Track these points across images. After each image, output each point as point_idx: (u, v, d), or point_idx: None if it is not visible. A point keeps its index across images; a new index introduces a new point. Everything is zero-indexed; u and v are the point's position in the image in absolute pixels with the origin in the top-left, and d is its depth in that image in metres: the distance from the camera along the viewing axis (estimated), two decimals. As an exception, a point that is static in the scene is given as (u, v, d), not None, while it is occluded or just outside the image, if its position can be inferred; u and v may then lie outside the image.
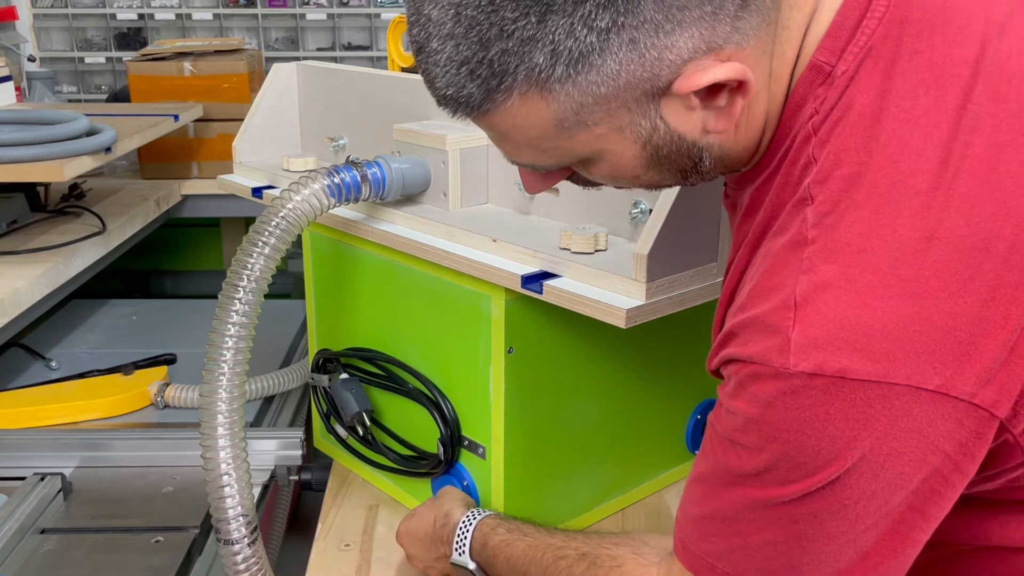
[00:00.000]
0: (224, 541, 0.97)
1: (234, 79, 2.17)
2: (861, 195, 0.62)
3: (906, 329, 0.59)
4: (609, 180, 0.72)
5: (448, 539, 0.98)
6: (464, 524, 0.97)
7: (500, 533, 0.94)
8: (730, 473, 0.69)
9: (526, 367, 1.03)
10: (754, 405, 0.64)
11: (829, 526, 0.65)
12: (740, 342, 0.66)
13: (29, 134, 1.53)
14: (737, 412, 0.66)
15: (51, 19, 2.75)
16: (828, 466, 0.63)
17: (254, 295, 0.96)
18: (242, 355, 0.97)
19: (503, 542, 0.93)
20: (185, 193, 2.17)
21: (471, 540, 0.96)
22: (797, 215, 0.65)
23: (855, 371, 0.60)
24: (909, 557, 0.67)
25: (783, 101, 0.67)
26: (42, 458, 1.34)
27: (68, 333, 1.82)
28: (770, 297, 0.64)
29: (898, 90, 0.63)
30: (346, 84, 1.29)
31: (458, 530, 0.97)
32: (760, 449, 0.65)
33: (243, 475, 0.97)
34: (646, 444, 1.20)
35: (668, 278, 0.89)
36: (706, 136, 0.66)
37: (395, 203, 1.12)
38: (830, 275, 0.61)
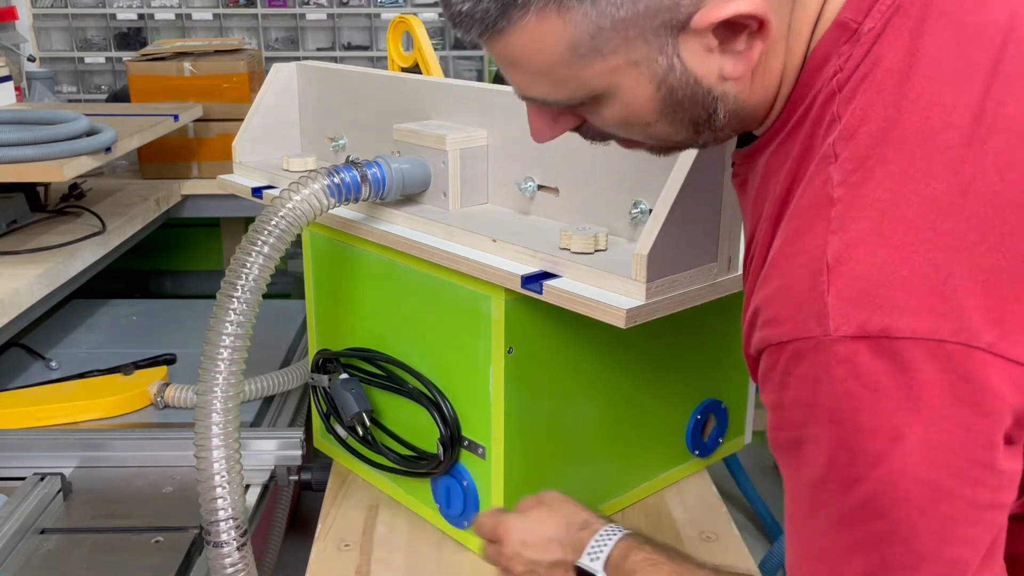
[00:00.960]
0: (213, 543, 0.96)
1: (234, 79, 2.17)
2: (891, 151, 0.60)
3: (948, 283, 0.57)
4: (620, 126, 0.70)
5: (580, 545, 0.92)
6: (607, 533, 0.92)
7: (646, 550, 0.89)
8: (806, 491, 0.64)
9: (526, 367, 1.03)
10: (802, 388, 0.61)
11: (914, 542, 0.61)
12: (770, 321, 0.63)
13: (29, 134, 1.53)
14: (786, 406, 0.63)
15: (51, 19, 2.75)
16: (890, 450, 0.59)
17: (252, 295, 0.96)
18: (239, 356, 0.96)
19: (647, 560, 0.88)
20: (185, 193, 2.17)
21: (610, 550, 0.90)
22: (820, 175, 0.63)
23: (900, 329, 0.57)
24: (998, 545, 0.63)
25: (802, 58, 0.66)
26: (42, 458, 1.34)
27: (68, 333, 1.82)
28: (797, 264, 0.61)
29: (928, 48, 0.62)
30: (346, 84, 1.29)
31: (597, 537, 0.91)
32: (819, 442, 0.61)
33: (235, 477, 0.97)
34: (646, 444, 1.20)
35: (668, 278, 0.89)
36: (722, 83, 0.65)
37: (395, 203, 1.12)
38: (862, 231, 0.59)
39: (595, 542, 0.91)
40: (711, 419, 1.28)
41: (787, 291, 0.61)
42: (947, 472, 0.59)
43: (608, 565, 0.89)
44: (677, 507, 1.20)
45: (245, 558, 0.98)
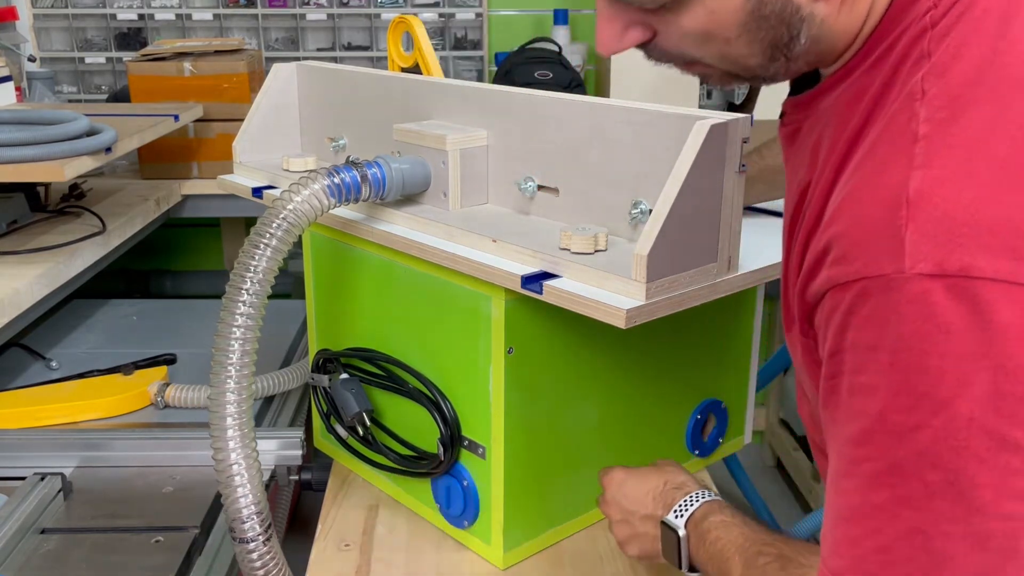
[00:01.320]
0: (239, 540, 0.97)
1: (234, 79, 2.17)
2: (984, 91, 0.59)
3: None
4: (696, 40, 0.68)
5: (670, 502, 0.94)
6: (696, 495, 0.94)
7: (726, 514, 0.90)
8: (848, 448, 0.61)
9: (526, 367, 1.03)
10: (866, 330, 0.58)
11: (970, 495, 0.57)
12: (838, 259, 0.60)
13: (29, 134, 1.53)
14: (846, 350, 0.60)
15: (51, 19, 2.75)
16: (957, 397, 0.56)
17: (258, 296, 0.96)
18: (248, 356, 0.97)
19: (723, 522, 0.89)
20: (185, 193, 2.17)
21: (694, 509, 0.92)
22: (905, 111, 0.61)
23: (981, 268, 0.55)
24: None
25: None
26: (42, 458, 1.34)
27: (68, 333, 1.82)
28: (874, 199, 0.59)
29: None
30: (346, 84, 1.29)
31: (687, 498, 0.94)
32: (876, 388, 0.59)
33: (255, 474, 0.98)
34: (646, 444, 1.20)
35: (668, 278, 0.89)
36: (812, 3, 0.64)
37: (395, 203, 1.12)
38: (949, 168, 0.57)
39: (684, 502, 0.94)
40: (711, 419, 1.28)
41: (860, 227, 0.59)
42: (1014, 422, 0.56)
43: (689, 522, 0.92)
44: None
45: (272, 551, 0.99)
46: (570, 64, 2.43)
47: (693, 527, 0.91)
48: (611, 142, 0.98)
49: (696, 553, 0.91)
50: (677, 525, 0.92)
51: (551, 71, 2.36)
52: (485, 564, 1.10)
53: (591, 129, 1.00)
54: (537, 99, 1.05)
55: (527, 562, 1.10)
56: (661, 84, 2.42)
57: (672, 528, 0.93)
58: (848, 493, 0.63)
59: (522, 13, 2.84)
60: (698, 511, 0.92)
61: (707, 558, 0.89)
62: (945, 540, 0.59)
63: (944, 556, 0.59)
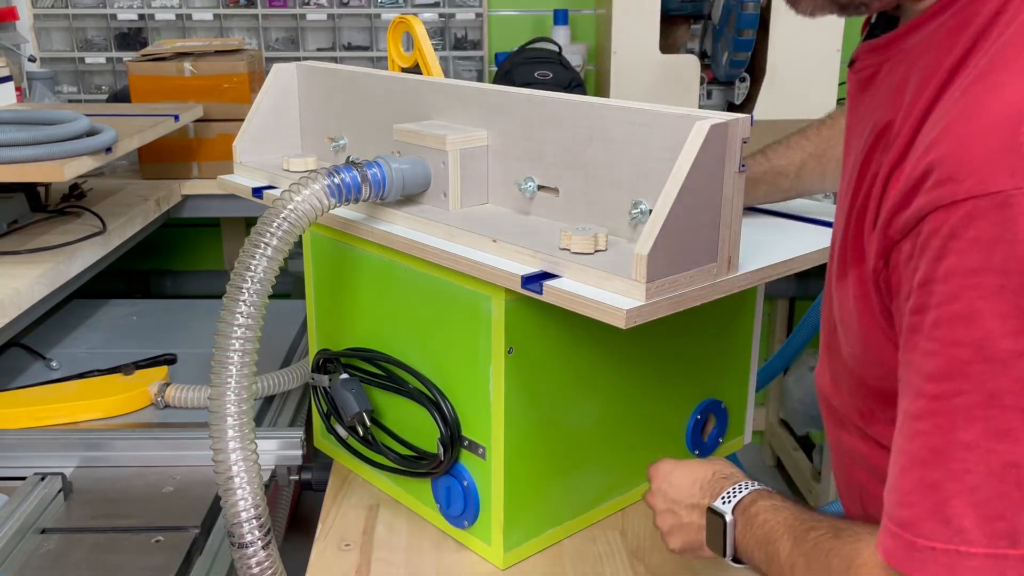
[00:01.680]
0: (238, 544, 0.97)
1: (234, 79, 2.17)
2: None
3: None
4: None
5: (718, 491, 0.92)
6: (744, 484, 0.91)
7: (775, 499, 0.88)
8: (929, 386, 0.58)
9: (526, 367, 1.03)
10: (972, 254, 0.55)
11: None
12: (944, 178, 0.58)
13: (29, 134, 1.53)
14: (943, 278, 0.57)
15: (51, 19, 2.75)
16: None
17: (259, 296, 0.96)
18: (249, 357, 0.97)
19: (773, 506, 0.87)
20: (185, 193, 2.17)
21: (743, 496, 0.90)
22: (1022, 34, 0.60)
23: None
24: None
25: None
26: (42, 458, 1.34)
27: (68, 333, 1.82)
28: (988, 117, 0.57)
29: None
30: (346, 84, 1.29)
31: (736, 486, 0.91)
32: (978, 315, 0.55)
33: (254, 478, 0.97)
34: (646, 444, 1.20)
35: (668, 278, 0.89)
36: None
37: (395, 203, 1.12)
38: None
39: (732, 489, 0.91)
40: (711, 419, 1.28)
41: (971, 146, 0.57)
42: None
43: (737, 508, 0.89)
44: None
45: (271, 556, 0.98)
46: (570, 64, 2.43)
47: (741, 513, 0.89)
48: (611, 142, 0.98)
49: (743, 539, 0.88)
50: (724, 511, 0.90)
51: (551, 71, 2.36)
52: (485, 564, 1.10)
53: (591, 129, 1.00)
54: (537, 99, 1.05)
55: (527, 562, 1.10)
56: (661, 84, 2.43)
57: (719, 514, 0.90)
58: (928, 434, 0.59)
59: (522, 13, 2.84)
60: (746, 497, 0.90)
61: (755, 543, 0.86)
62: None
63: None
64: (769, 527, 0.85)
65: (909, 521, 0.61)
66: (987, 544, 0.57)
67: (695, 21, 2.59)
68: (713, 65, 2.50)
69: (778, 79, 2.45)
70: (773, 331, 2.89)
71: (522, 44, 2.50)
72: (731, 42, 2.35)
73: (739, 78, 2.49)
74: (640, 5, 2.40)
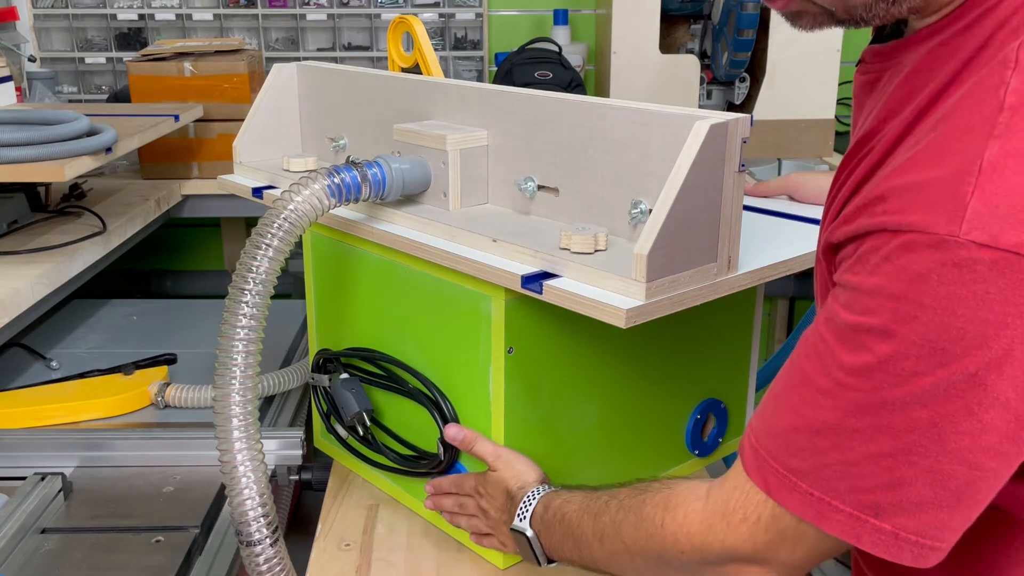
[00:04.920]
0: (246, 543, 0.97)
1: (234, 79, 2.17)
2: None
3: None
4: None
5: (513, 511, 0.98)
6: (533, 494, 0.97)
7: (563, 494, 0.95)
8: (839, 373, 0.65)
9: (526, 367, 1.03)
10: (899, 280, 0.60)
11: (947, 437, 0.61)
12: (895, 209, 0.62)
13: (29, 134, 1.53)
14: (869, 291, 0.62)
15: (51, 19, 2.75)
16: (967, 355, 0.59)
17: (261, 296, 0.97)
18: (253, 357, 0.97)
19: (565, 501, 0.93)
20: (185, 193, 2.17)
21: (534, 507, 0.96)
22: (993, 77, 0.61)
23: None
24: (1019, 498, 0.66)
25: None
26: (42, 458, 1.35)
27: (68, 333, 1.82)
28: (946, 161, 0.60)
29: None
30: (346, 84, 1.29)
31: (525, 499, 0.97)
32: (890, 334, 0.61)
33: (261, 476, 0.97)
34: (646, 444, 1.20)
35: (668, 278, 0.89)
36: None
37: (395, 203, 1.12)
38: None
39: (522, 504, 0.97)
40: (711, 419, 1.28)
41: (926, 185, 0.60)
42: (1015, 385, 0.59)
43: (533, 521, 0.96)
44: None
45: (279, 553, 0.98)
46: (570, 64, 2.43)
47: (539, 523, 0.95)
48: (611, 142, 0.98)
49: (548, 543, 0.94)
50: (523, 528, 0.96)
51: (551, 71, 2.36)
52: (485, 564, 1.10)
53: (591, 129, 1.00)
54: (537, 99, 1.06)
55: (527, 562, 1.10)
56: (661, 84, 2.43)
57: (520, 532, 0.96)
58: (825, 410, 0.66)
59: (522, 13, 2.84)
60: (537, 507, 0.96)
61: (560, 540, 0.92)
62: (910, 469, 0.63)
63: (903, 482, 0.64)
64: (568, 520, 0.91)
65: (798, 471, 0.68)
66: (854, 507, 0.66)
67: (695, 21, 2.59)
68: (713, 65, 2.51)
69: (778, 79, 2.45)
70: (773, 331, 2.89)
71: (522, 44, 2.50)
72: (731, 42, 2.35)
73: (739, 78, 2.49)
74: (640, 5, 2.40)
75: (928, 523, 0.64)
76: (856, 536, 0.66)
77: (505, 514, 1.00)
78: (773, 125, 2.46)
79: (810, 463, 0.67)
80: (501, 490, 1.01)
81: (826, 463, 0.67)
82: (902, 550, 0.65)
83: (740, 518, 0.73)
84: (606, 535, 0.86)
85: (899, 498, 0.64)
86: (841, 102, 2.59)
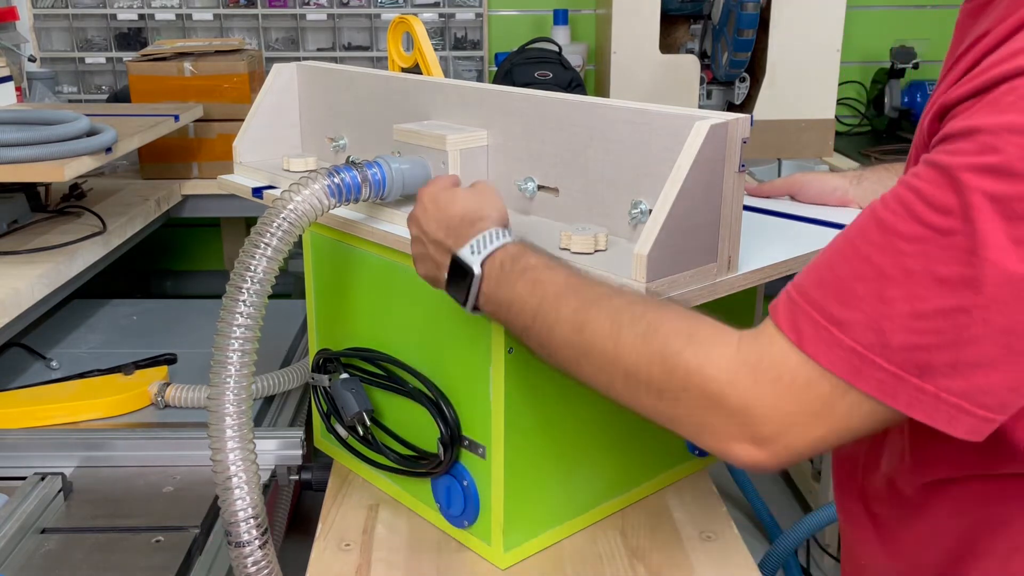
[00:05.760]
0: (235, 544, 0.97)
1: (234, 79, 2.18)
2: None
3: None
4: None
5: (464, 236, 0.88)
6: (496, 233, 0.87)
7: (539, 254, 0.85)
8: (933, 216, 0.62)
9: (526, 367, 1.03)
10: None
11: None
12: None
13: (29, 134, 1.53)
14: (994, 129, 0.60)
15: (51, 19, 2.75)
16: None
17: (258, 296, 0.96)
18: (248, 357, 0.97)
19: (544, 264, 0.83)
20: (185, 193, 2.17)
21: (495, 248, 0.86)
22: None
23: None
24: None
25: None
26: (42, 458, 1.35)
27: (69, 333, 1.82)
28: None
29: None
30: (346, 84, 1.29)
31: (486, 234, 0.87)
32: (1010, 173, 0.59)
33: (252, 477, 0.97)
34: (646, 444, 1.20)
35: (668, 278, 0.89)
36: None
37: (395, 203, 1.12)
38: None
39: (481, 237, 0.87)
40: (711, 419, 1.27)
41: None
42: None
43: (490, 262, 0.86)
44: (677, 507, 1.21)
45: (268, 556, 0.98)
46: (570, 64, 2.43)
47: (497, 268, 0.85)
48: (611, 142, 0.98)
49: (493, 293, 0.85)
50: (471, 262, 0.86)
51: (551, 71, 2.36)
52: (485, 564, 1.10)
53: (591, 129, 1.00)
54: (537, 99, 1.06)
55: (527, 562, 1.10)
56: (661, 84, 2.43)
57: (464, 265, 0.86)
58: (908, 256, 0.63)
59: (522, 13, 2.85)
60: (505, 250, 0.86)
61: (509, 298, 0.84)
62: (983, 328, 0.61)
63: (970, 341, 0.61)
64: (539, 286, 0.82)
65: (840, 320, 0.65)
66: (899, 365, 0.63)
67: (695, 21, 2.59)
68: (713, 65, 2.51)
69: (778, 79, 2.45)
70: (773, 331, 2.89)
71: (522, 44, 2.51)
72: (731, 42, 2.35)
73: (739, 78, 2.49)
74: (640, 5, 2.40)
75: (978, 386, 0.62)
76: (892, 394, 0.63)
77: (451, 236, 0.90)
78: (773, 125, 2.46)
79: (863, 314, 0.64)
80: (456, 207, 0.91)
81: (885, 314, 0.63)
82: (937, 411, 0.63)
83: (772, 376, 0.68)
84: (589, 329, 0.77)
85: (955, 358, 0.62)
86: (841, 102, 2.60)
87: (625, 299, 0.79)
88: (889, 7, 2.85)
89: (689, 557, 1.10)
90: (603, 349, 0.77)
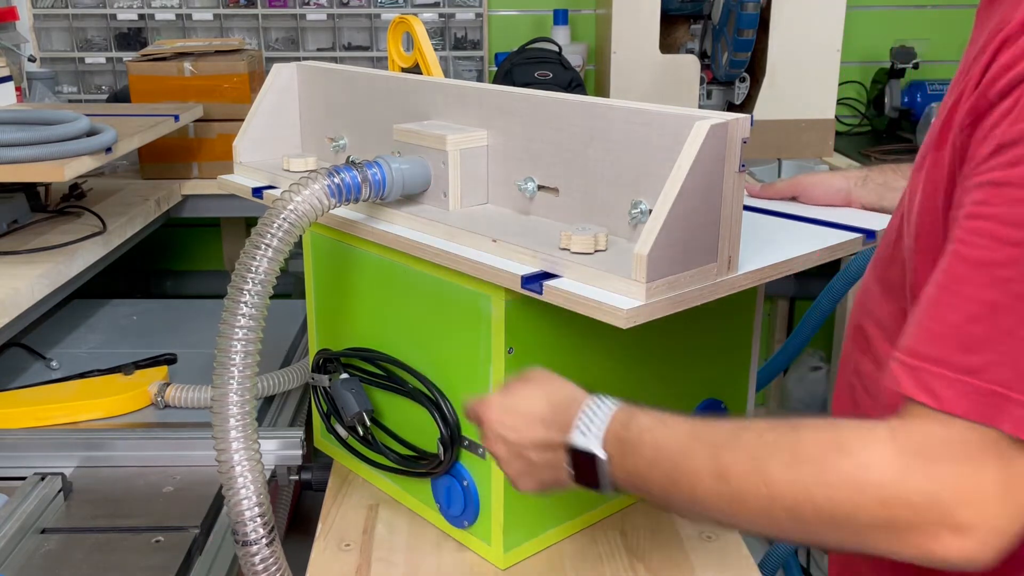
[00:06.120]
0: (242, 542, 0.97)
1: (234, 79, 2.18)
2: None
3: None
4: None
5: (566, 422, 0.83)
6: (595, 406, 0.82)
7: (648, 412, 0.80)
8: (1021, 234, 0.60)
9: (526, 367, 1.03)
10: None
11: None
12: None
13: (29, 134, 1.53)
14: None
15: (51, 19, 2.75)
16: None
17: (260, 297, 0.97)
18: (251, 357, 0.97)
19: (657, 422, 0.78)
20: (185, 193, 2.17)
21: (608, 424, 0.80)
22: None
23: None
24: None
25: None
26: (42, 458, 1.34)
27: (68, 333, 1.82)
28: None
29: None
30: (346, 84, 1.29)
31: (587, 410, 0.83)
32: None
33: (258, 476, 0.97)
34: (646, 444, 1.20)
35: (668, 278, 0.89)
36: None
37: (395, 203, 1.12)
38: None
39: (584, 416, 0.83)
40: (711, 419, 1.27)
41: None
42: None
43: (607, 438, 0.81)
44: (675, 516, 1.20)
45: (275, 553, 0.98)
46: (570, 64, 2.43)
47: (615, 442, 0.80)
48: (611, 142, 0.98)
49: (622, 469, 0.80)
50: (592, 448, 0.81)
51: (551, 71, 2.36)
52: (485, 564, 1.10)
53: (591, 129, 1.00)
54: (537, 99, 1.06)
55: (527, 562, 1.10)
56: (661, 84, 2.43)
57: (585, 451, 0.81)
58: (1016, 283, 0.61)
59: (522, 13, 2.85)
60: (613, 422, 0.81)
61: (644, 467, 0.78)
62: None
63: None
64: (663, 447, 0.77)
65: (970, 367, 0.61)
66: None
67: (695, 21, 2.59)
68: (713, 65, 2.51)
69: (778, 79, 2.45)
70: (773, 331, 2.89)
71: (522, 44, 2.51)
72: (731, 42, 2.35)
73: (739, 78, 2.49)
74: (640, 5, 2.40)
75: None
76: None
77: (552, 430, 0.85)
78: (773, 125, 2.46)
79: (993, 352, 0.60)
80: (536, 403, 0.87)
81: (1015, 345, 0.60)
82: None
83: (940, 455, 0.61)
84: (733, 475, 0.71)
85: None
86: (841, 102, 2.60)
87: (753, 431, 0.73)
88: (889, 7, 2.85)
89: (689, 557, 1.10)
90: (756, 493, 0.70)
